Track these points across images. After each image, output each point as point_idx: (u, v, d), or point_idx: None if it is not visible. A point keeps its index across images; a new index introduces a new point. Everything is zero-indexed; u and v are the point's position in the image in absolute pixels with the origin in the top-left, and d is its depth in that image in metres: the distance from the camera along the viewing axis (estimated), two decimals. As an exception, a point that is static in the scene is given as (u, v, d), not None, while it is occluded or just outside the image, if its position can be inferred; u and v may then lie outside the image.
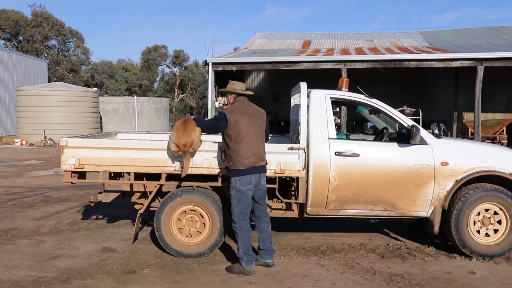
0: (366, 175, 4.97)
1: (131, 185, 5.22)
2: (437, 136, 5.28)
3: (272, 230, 6.03)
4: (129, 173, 5.19)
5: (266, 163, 4.68)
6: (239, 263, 4.52)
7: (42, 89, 21.07)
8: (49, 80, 32.53)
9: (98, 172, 5.08)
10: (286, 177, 5.13)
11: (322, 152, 5.00)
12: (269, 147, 4.99)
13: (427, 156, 4.98)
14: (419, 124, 4.85)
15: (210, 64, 16.01)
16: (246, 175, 4.49)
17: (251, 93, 4.88)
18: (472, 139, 14.48)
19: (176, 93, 44.10)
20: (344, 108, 14.34)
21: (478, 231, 5.01)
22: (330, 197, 5.03)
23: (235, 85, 4.74)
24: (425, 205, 5.03)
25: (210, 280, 4.34)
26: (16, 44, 40.03)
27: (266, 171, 4.71)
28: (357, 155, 4.98)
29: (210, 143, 5.06)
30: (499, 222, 5.00)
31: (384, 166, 4.97)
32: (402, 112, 13.44)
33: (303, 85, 5.19)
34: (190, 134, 4.71)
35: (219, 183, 5.03)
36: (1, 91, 26.00)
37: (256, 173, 4.55)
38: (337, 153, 4.98)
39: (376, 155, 5.02)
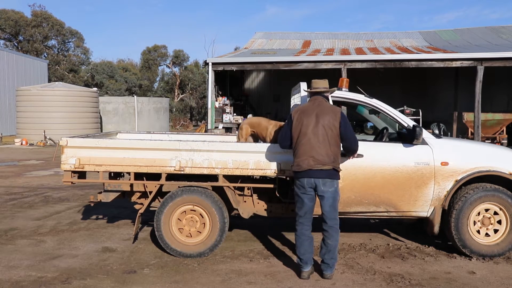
0: (369, 175, 4.93)
1: (131, 185, 5.22)
2: (437, 136, 5.27)
3: (272, 230, 6.06)
4: (129, 173, 5.19)
5: (333, 168, 4.26)
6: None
7: (42, 89, 21.07)
8: (49, 80, 32.53)
9: (98, 172, 5.08)
10: (286, 177, 5.12)
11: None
12: (269, 147, 4.99)
13: (427, 156, 4.97)
14: (419, 124, 4.85)
15: (210, 64, 16.02)
16: (300, 178, 4.32)
17: (322, 89, 4.51)
18: (472, 139, 14.48)
19: (176, 93, 44.13)
20: (344, 108, 14.32)
21: (478, 231, 5.01)
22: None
23: (312, 84, 4.53)
24: (425, 205, 5.02)
25: (210, 280, 4.34)
26: (16, 44, 40.03)
27: (328, 177, 4.27)
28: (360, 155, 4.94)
29: (210, 143, 5.06)
30: (499, 222, 4.99)
31: (386, 166, 4.95)
32: (402, 112, 13.44)
33: (303, 85, 5.19)
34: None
35: (219, 183, 5.03)
36: (1, 91, 26.00)
37: (312, 177, 4.26)
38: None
39: (377, 156, 4.99)
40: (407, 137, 5.00)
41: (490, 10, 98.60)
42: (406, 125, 5.11)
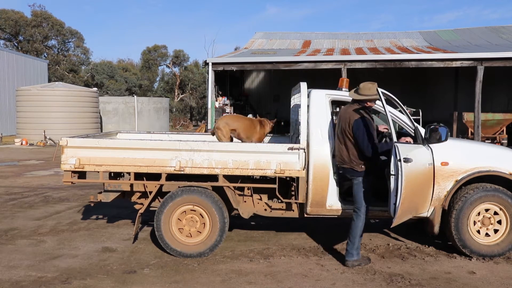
0: (415, 180, 4.68)
1: (131, 185, 5.23)
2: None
3: (272, 230, 6.06)
4: (129, 173, 5.19)
5: (350, 168, 4.70)
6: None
7: (42, 89, 21.06)
8: (49, 80, 32.52)
9: (98, 172, 5.08)
10: (286, 177, 5.12)
11: (322, 152, 4.99)
12: (268, 147, 4.99)
13: (428, 156, 4.95)
14: (419, 124, 4.82)
15: (210, 64, 16.00)
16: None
17: (353, 98, 4.80)
18: (472, 139, 14.47)
19: (176, 93, 44.12)
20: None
21: (478, 231, 5.00)
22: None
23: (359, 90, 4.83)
24: (426, 205, 5.01)
25: (210, 280, 4.34)
26: (16, 44, 40.02)
27: (349, 174, 4.76)
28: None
29: (210, 143, 5.06)
30: (499, 222, 4.99)
31: (421, 169, 4.77)
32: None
33: (303, 85, 5.19)
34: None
35: (219, 183, 5.03)
36: (1, 91, 25.99)
37: (343, 172, 4.89)
38: (337, 153, 4.97)
39: (417, 159, 4.73)
40: (427, 137, 4.86)
41: (490, 10, 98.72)
42: (413, 126, 5.04)
